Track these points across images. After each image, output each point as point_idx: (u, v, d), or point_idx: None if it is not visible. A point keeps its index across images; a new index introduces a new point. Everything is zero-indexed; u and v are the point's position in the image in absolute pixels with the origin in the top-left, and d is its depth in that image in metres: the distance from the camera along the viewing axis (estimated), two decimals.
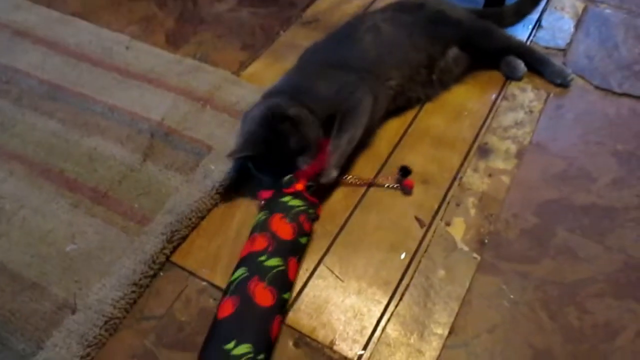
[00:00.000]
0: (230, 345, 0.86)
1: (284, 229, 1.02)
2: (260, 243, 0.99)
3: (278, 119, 1.12)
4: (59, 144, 1.30)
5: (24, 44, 1.57)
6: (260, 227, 1.03)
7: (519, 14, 1.62)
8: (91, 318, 0.99)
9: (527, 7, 1.62)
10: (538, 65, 1.51)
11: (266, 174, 1.16)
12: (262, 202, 1.10)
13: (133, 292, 1.03)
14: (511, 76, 1.50)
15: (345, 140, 1.18)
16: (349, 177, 1.22)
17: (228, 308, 0.91)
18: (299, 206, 1.06)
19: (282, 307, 0.97)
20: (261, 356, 0.87)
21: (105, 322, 0.99)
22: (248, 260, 0.98)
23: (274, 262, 0.97)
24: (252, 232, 1.04)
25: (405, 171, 1.21)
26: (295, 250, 1.03)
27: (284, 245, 1.00)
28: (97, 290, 1.03)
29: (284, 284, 0.98)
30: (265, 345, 0.90)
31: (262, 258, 0.97)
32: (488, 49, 1.49)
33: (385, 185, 1.22)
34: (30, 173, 1.24)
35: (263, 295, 0.92)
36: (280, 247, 0.99)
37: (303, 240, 1.06)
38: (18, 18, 1.66)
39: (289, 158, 1.13)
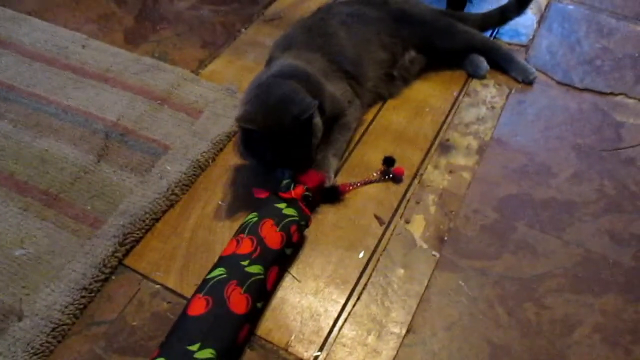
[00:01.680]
0: (195, 347, 0.83)
1: (272, 236, 0.98)
2: (246, 246, 0.96)
3: (303, 119, 1.05)
4: (10, 145, 1.25)
5: None
6: (249, 230, 0.98)
7: (484, 26, 1.59)
8: (38, 325, 0.96)
9: (493, 21, 1.60)
10: (502, 63, 1.50)
11: (252, 156, 1.12)
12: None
13: (83, 297, 1.00)
14: (474, 75, 1.49)
15: (342, 150, 1.25)
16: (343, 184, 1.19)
17: (200, 307, 0.88)
18: (292, 216, 1.02)
19: (254, 316, 0.95)
20: None
21: (53, 329, 0.95)
22: (229, 262, 0.94)
23: (255, 269, 0.94)
24: (239, 232, 1.00)
25: (389, 161, 1.21)
26: (279, 260, 1.00)
27: (269, 253, 0.97)
28: (45, 296, 1.00)
29: (260, 293, 0.95)
30: (229, 353, 0.88)
31: (245, 263, 0.93)
32: (451, 47, 1.47)
33: (377, 180, 1.21)
34: None
35: (238, 302, 0.89)
36: (265, 255, 0.96)
37: (288, 251, 1.03)
38: None
39: (282, 155, 1.08)
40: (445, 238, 1.13)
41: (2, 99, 1.36)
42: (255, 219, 1.00)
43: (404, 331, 0.98)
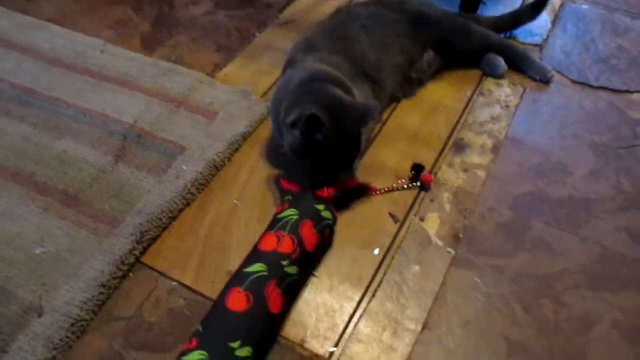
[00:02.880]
0: (236, 344, 0.84)
1: (311, 239, 0.99)
2: (287, 246, 0.96)
3: (364, 118, 1.08)
4: (30, 147, 1.28)
5: None
6: (291, 229, 0.98)
7: (497, 30, 1.57)
8: (58, 320, 0.97)
9: (506, 25, 1.60)
10: (518, 62, 1.50)
11: (301, 161, 1.11)
12: (287, 197, 1.06)
13: (101, 293, 1.01)
14: (492, 74, 1.49)
15: (363, 149, 1.24)
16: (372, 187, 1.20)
17: (241, 302, 0.88)
18: (328, 219, 1.04)
19: (285, 316, 0.97)
20: None
21: (72, 325, 0.97)
22: (270, 259, 0.94)
23: (292, 270, 0.95)
24: (278, 228, 0.99)
25: (418, 168, 1.21)
26: (311, 263, 1.02)
27: (305, 256, 0.98)
28: (64, 292, 1.01)
29: (292, 294, 0.97)
30: (262, 350, 0.90)
31: (285, 263, 0.94)
32: (467, 47, 1.48)
33: (405, 187, 1.21)
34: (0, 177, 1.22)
35: (275, 302, 0.91)
36: (301, 257, 0.97)
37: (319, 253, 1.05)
38: None
39: (334, 160, 1.09)
40: (461, 236, 1.12)
41: (22, 103, 1.39)
42: (296, 217, 1.00)
43: (419, 328, 0.98)
